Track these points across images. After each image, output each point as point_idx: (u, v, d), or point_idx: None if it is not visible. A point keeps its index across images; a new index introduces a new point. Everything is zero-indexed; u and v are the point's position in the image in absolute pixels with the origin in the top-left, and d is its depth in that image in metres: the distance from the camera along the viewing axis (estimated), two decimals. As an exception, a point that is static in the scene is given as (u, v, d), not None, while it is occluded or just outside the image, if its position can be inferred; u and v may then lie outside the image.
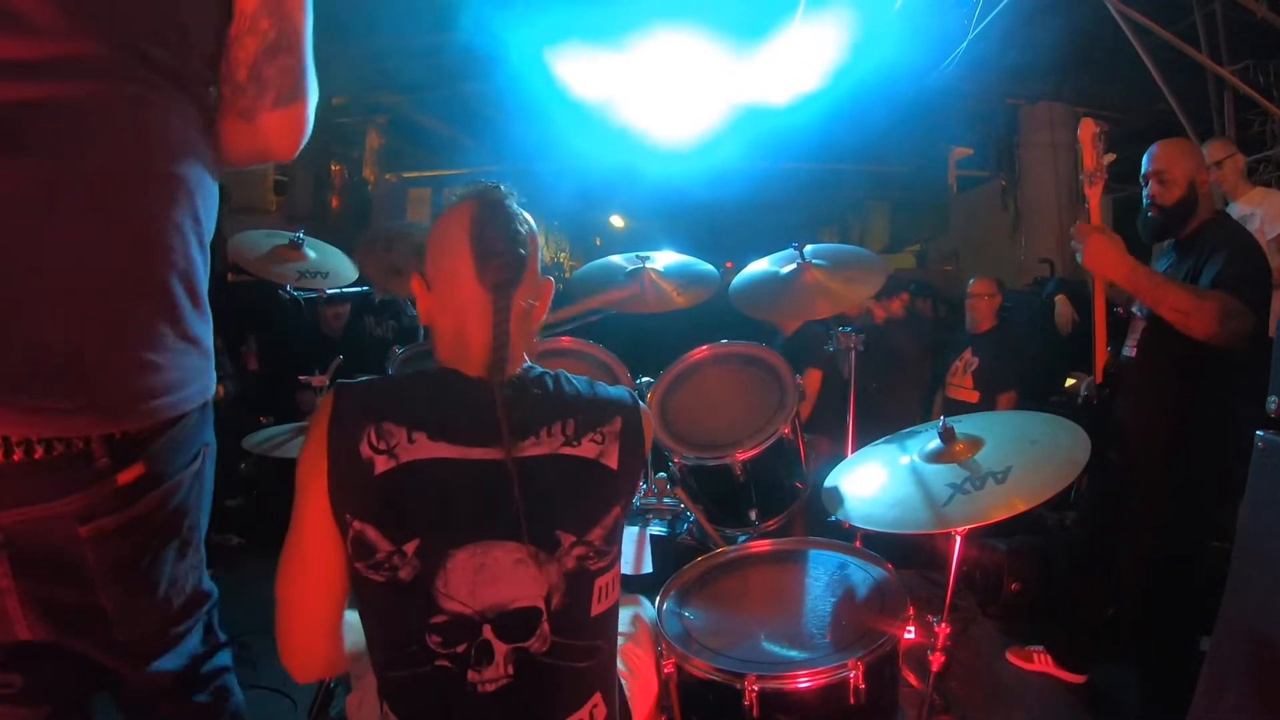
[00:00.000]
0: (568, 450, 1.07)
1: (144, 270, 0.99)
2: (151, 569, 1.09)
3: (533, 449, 1.05)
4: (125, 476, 1.01)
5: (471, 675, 1.01)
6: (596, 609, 1.09)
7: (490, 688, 1.01)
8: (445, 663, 1.01)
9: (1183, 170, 2.20)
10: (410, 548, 0.99)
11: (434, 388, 1.08)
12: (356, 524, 0.99)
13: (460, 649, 1.01)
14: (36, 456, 0.94)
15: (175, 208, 1.00)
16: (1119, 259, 2.07)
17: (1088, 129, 2.20)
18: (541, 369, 1.14)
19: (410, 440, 1.00)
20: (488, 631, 1.02)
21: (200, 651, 1.20)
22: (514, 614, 1.02)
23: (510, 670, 1.02)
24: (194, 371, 1.08)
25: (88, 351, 0.95)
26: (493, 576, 1.01)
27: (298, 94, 1.01)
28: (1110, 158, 2.19)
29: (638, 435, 1.13)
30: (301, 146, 1.10)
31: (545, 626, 1.03)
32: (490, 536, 1.02)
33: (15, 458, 0.94)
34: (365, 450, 0.99)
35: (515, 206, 1.12)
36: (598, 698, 1.10)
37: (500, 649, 1.02)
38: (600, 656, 1.11)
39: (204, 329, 1.10)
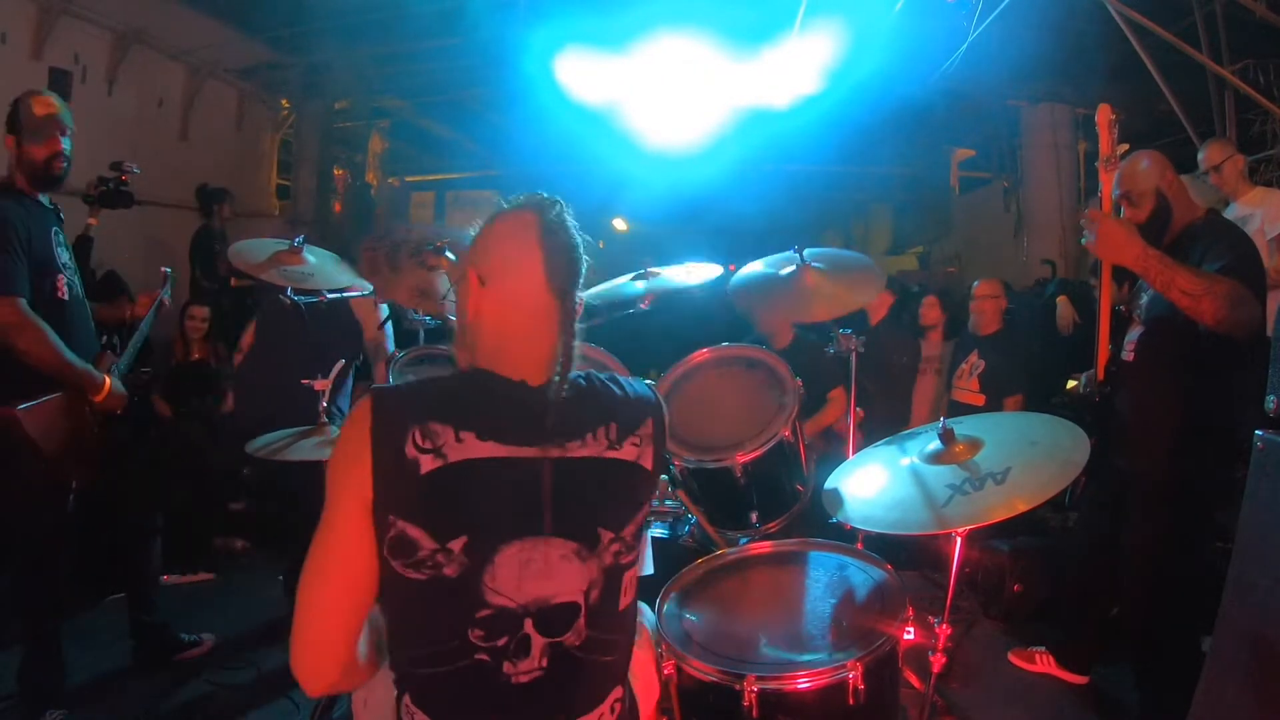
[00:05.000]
0: (612, 454, 1.12)
1: None
2: None
3: (578, 450, 1.09)
4: None
5: (507, 667, 1.05)
6: (624, 602, 1.15)
7: (524, 679, 1.05)
8: (484, 656, 1.04)
9: (1145, 182, 2.25)
10: (457, 545, 1.01)
11: (475, 389, 1.10)
12: (399, 524, 1.00)
13: (501, 642, 1.04)
14: None
15: None
16: (1129, 240, 2.06)
17: (1104, 114, 2.18)
18: (577, 370, 1.16)
19: (458, 439, 1.02)
20: (529, 625, 1.05)
21: None
22: (555, 609, 1.06)
23: (544, 663, 1.06)
24: None
25: None
26: (539, 571, 1.05)
27: None
28: (1123, 147, 2.19)
29: (664, 435, 1.21)
30: None
31: (582, 621, 1.08)
32: (537, 532, 1.06)
33: None
34: (410, 450, 1.00)
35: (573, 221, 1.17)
36: (619, 690, 1.16)
37: (539, 642, 1.06)
38: (621, 651, 1.17)
39: None
